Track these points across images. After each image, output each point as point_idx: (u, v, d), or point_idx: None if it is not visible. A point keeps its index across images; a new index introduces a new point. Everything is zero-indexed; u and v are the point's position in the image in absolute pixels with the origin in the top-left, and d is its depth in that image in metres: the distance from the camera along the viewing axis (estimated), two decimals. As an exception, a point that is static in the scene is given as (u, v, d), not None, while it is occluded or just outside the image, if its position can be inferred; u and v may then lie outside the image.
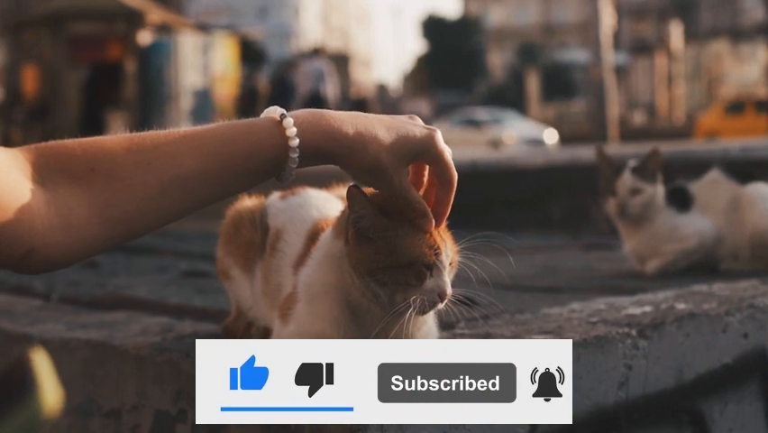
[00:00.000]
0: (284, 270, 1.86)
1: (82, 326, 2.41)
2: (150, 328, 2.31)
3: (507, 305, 2.50)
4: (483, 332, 2.09)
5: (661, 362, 2.07)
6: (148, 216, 1.47)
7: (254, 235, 1.97)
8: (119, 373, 2.11)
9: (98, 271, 3.61)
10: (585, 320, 2.15)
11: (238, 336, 2.03)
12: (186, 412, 1.95)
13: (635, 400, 2.01)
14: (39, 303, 2.88)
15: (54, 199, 1.40)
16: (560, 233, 5.33)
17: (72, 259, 1.44)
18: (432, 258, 1.62)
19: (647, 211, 3.18)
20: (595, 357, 1.95)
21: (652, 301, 2.36)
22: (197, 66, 23.92)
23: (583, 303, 2.40)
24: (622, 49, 51.22)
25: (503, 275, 3.24)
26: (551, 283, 3.04)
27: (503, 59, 70.38)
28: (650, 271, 3.20)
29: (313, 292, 1.70)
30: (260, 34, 39.14)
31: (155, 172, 1.45)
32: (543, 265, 3.61)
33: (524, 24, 76.00)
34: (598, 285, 2.95)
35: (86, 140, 1.46)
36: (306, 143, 1.52)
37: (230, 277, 2.04)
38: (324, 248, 1.72)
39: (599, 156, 3.25)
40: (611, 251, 3.83)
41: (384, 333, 1.69)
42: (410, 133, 1.59)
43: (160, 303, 2.71)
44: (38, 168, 1.41)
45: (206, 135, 1.50)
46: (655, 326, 2.08)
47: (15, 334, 2.42)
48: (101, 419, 2.15)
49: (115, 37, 24.97)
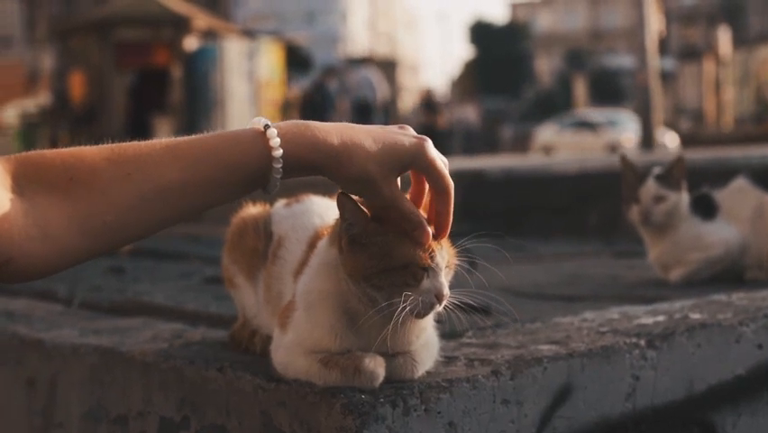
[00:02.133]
0: (285, 278, 1.85)
1: (95, 331, 2.41)
2: (162, 335, 2.31)
3: (522, 313, 2.48)
4: (490, 342, 2.07)
5: (670, 373, 2.04)
6: (129, 227, 1.46)
7: (258, 243, 1.97)
8: (126, 380, 2.12)
9: (122, 277, 3.62)
10: (595, 330, 2.13)
11: (243, 345, 2.03)
12: (189, 419, 1.95)
13: (642, 412, 1.99)
14: (59, 308, 2.90)
15: (32, 209, 1.40)
16: (594, 240, 5.29)
17: (51, 269, 1.44)
18: (426, 260, 1.60)
19: (671, 219, 3.14)
20: (601, 368, 1.92)
21: (666, 311, 2.33)
22: (243, 71, 24.03)
23: (596, 312, 2.37)
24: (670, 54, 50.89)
25: (525, 283, 3.25)
26: (572, 292, 3.02)
27: (551, 65, 70.17)
28: (674, 280, 3.17)
29: (310, 300, 1.69)
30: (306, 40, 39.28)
31: (135, 183, 1.44)
32: (569, 273, 3.59)
33: (572, 30, 75.74)
34: (619, 294, 2.92)
35: (66, 150, 1.46)
36: (289, 154, 1.51)
37: (235, 285, 2.04)
38: (320, 256, 1.71)
39: (623, 163, 3.22)
40: (641, 258, 3.79)
41: (384, 342, 1.67)
42: (398, 143, 1.57)
43: (177, 309, 2.71)
44: (17, 178, 1.41)
45: (189, 146, 1.49)
46: (665, 336, 2.05)
47: (29, 339, 2.43)
48: (108, 425, 2.15)
49: (162, 43, 25.17)
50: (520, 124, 48.41)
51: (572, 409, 1.87)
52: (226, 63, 23.81)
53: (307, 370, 1.69)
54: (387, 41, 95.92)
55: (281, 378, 1.75)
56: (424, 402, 1.67)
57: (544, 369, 1.84)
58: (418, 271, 1.60)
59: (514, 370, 1.81)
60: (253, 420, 1.79)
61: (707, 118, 40.04)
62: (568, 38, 73.33)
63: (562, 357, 1.88)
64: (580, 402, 1.88)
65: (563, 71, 59.85)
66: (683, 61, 47.56)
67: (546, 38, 74.36)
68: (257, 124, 1.54)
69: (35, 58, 40.15)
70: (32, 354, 2.40)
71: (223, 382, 1.87)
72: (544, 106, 52.79)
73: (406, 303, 1.58)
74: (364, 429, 1.60)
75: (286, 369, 1.74)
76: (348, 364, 1.65)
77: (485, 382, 1.76)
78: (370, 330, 1.66)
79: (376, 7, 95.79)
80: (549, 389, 1.84)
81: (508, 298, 2.86)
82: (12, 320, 2.65)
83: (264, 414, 1.77)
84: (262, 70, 24.42)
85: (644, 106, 17.31)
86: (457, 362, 1.87)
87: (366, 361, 1.65)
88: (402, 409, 1.64)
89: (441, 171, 1.60)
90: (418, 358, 1.73)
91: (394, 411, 1.63)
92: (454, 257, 1.68)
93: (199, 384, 1.92)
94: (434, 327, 1.79)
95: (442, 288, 1.61)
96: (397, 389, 1.67)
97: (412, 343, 1.71)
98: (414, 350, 1.72)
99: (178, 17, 25.12)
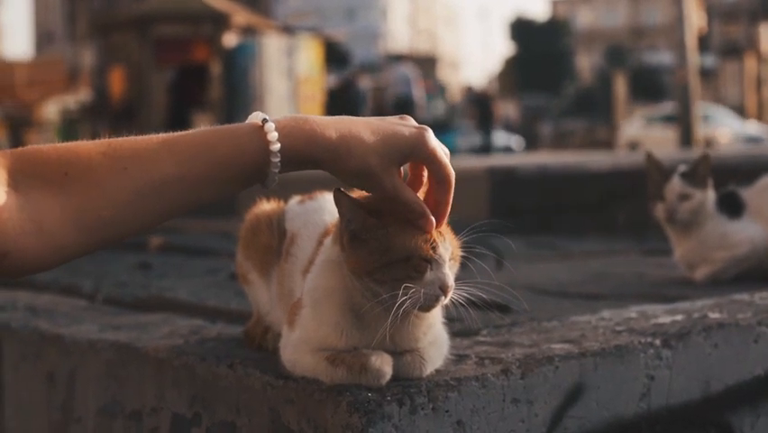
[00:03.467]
0: (296, 275, 1.84)
1: (115, 327, 2.42)
2: (179, 331, 2.31)
3: (542, 312, 2.47)
4: (504, 340, 2.06)
5: (686, 372, 2.02)
6: (125, 222, 1.46)
7: (272, 240, 1.96)
8: (140, 376, 2.12)
9: (149, 273, 3.63)
10: (611, 329, 2.12)
11: (256, 342, 2.03)
12: (200, 416, 1.95)
13: (657, 412, 1.97)
14: (83, 304, 2.90)
15: (27, 204, 1.40)
16: (626, 238, 5.26)
17: (46, 264, 1.44)
18: (429, 251, 1.59)
19: (696, 217, 3.11)
20: (614, 367, 1.91)
21: (686, 310, 2.31)
22: (282, 68, 24.04)
23: (615, 311, 2.36)
24: (711, 51, 50.56)
25: (549, 281, 3.24)
26: (595, 290, 3.00)
27: (591, 62, 69.84)
28: (699, 279, 3.14)
29: (316, 298, 1.69)
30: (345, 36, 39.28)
31: (131, 178, 1.44)
32: (595, 271, 3.56)
33: (612, 26, 75.39)
34: (643, 292, 2.90)
35: (62, 145, 1.46)
36: (287, 148, 1.51)
37: (248, 281, 2.04)
38: (325, 253, 1.71)
39: (648, 161, 3.19)
40: (670, 257, 3.77)
41: (390, 339, 1.67)
42: (398, 134, 1.57)
43: (198, 305, 2.72)
44: (12, 172, 1.41)
45: (186, 141, 1.49)
46: (681, 335, 2.03)
47: (49, 334, 2.43)
48: (124, 420, 2.16)
49: (201, 39, 25.23)
50: (559, 121, 48.23)
51: (584, 409, 1.86)
52: (265, 59, 23.83)
53: (314, 367, 1.69)
54: (427, 37, 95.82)
55: (290, 375, 1.75)
56: (431, 401, 1.66)
57: (555, 368, 1.83)
58: (421, 263, 1.59)
59: (524, 369, 1.80)
60: (262, 417, 1.79)
61: (748, 115, 39.75)
62: (608, 35, 72.96)
63: (574, 356, 1.87)
64: (592, 402, 1.87)
65: (604, 68, 59.51)
66: (724, 58, 47.26)
67: (587, 35, 74.03)
68: (255, 119, 1.54)
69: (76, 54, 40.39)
70: (51, 349, 2.41)
71: (233, 378, 1.87)
72: (584, 104, 52.58)
73: (406, 296, 1.57)
74: (370, 427, 1.60)
75: (294, 366, 1.74)
76: (354, 362, 1.65)
77: (494, 380, 1.75)
78: (377, 327, 1.65)
79: (417, 4, 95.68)
80: (560, 388, 1.83)
81: (531, 295, 2.86)
82: (35, 315, 2.67)
83: (272, 411, 1.77)
84: (301, 67, 24.42)
85: (684, 104, 17.20)
86: (468, 360, 1.86)
87: (372, 359, 1.65)
88: (409, 407, 1.64)
89: (442, 161, 1.59)
90: (426, 356, 1.72)
91: (401, 410, 1.63)
92: (459, 249, 1.66)
93: (210, 381, 1.92)
94: (443, 324, 1.77)
95: (446, 279, 1.60)
96: (404, 387, 1.66)
97: (419, 340, 1.70)
98: (422, 348, 1.71)
99: (218, 13, 25.17)
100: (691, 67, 17.33)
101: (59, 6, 56.04)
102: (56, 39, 57.53)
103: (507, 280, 3.20)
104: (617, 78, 42.96)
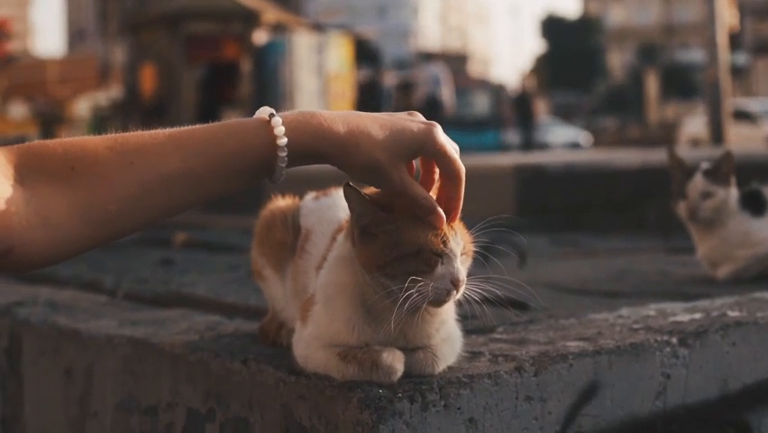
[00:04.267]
0: (310, 271, 1.84)
1: (133, 323, 2.42)
2: (196, 327, 2.31)
3: (561, 309, 2.46)
4: (519, 337, 2.05)
5: (703, 371, 2.01)
6: (131, 216, 1.46)
7: (286, 236, 1.96)
8: (155, 371, 2.12)
9: (170, 269, 3.63)
10: (628, 327, 2.10)
11: (270, 338, 2.02)
12: (214, 412, 1.95)
13: (673, 411, 1.96)
14: (104, 299, 2.91)
15: (33, 198, 1.40)
16: (653, 236, 5.22)
17: (53, 258, 1.44)
18: (439, 245, 1.58)
19: (719, 215, 3.09)
20: (629, 366, 1.90)
21: (705, 308, 2.30)
22: (312, 65, 24.05)
23: (633, 309, 2.34)
24: (743, 49, 50.26)
25: (571, 278, 3.22)
26: (616, 288, 2.98)
27: (622, 60, 69.61)
28: (722, 277, 3.12)
29: (328, 294, 1.69)
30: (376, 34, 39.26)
31: (137, 172, 1.44)
32: (618, 269, 3.54)
33: (644, 24, 75.02)
34: (664, 291, 2.88)
35: (68, 140, 1.46)
36: (294, 143, 1.51)
37: (263, 277, 2.03)
38: (338, 249, 1.70)
39: (670, 158, 3.17)
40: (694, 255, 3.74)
41: (402, 335, 1.66)
42: (406, 129, 1.56)
43: (217, 301, 2.71)
44: (18, 167, 1.42)
45: (192, 135, 1.49)
46: (698, 334, 2.02)
47: (67, 329, 2.44)
48: (140, 416, 2.16)
49: (231, 36, 25.29)
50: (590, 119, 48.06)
51: (599, 408, 1.85)
52: (295, 57, 23.84)
53: (326, 364, 1.69)
54: (458, 35, 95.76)
55: (302, 371, 1.74)
56: (443, 398, 1.66)
57: (569, 366, 1.82)
58: (431, 257, 1.58)
59: (538, 366, 1.79)
60: (274, 413, 1.79)
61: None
62: (640, 32, 72.67)
63: (589, 354, 1.86)
64: (607, 400, 1.86)
65: (635, 66, 59.33)
66: (756, 56, 46.98)
67: (618, 32, 73.76)
68: (262, 114, 1.54)
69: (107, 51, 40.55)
70: (69, 345, 2.41)
71: (246, 374, 1.87)
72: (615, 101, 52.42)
73: (413, 290, 1.56)
74: (381, 424, 1.59)
75: (306, 362, 1.73)
76: (365, 359, 1.64)
77: (507, 378, 1.74)
78: (389, 324, 1.64)
79: (448, 1, 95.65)
80: (574, 386, 1.82)
81: (551, 293, 2.85)
82: (54, 311, 2.67)
83: (285, 407, 1.77)
84: (331, 64, 24.42)
85: (714, 102, 17.09)
86: (481, 357, 1.85)
87: (384, 355, 1.64)
88: (420, 404, 1.63)
89: (451, 156, 1.58)
90: (439, 353, 1.71)
91: (412, 406, 1.62)
92: (471, 244, 1.65)
93: (224, 377, 1.92)
94: (456, 321, 1.77)
95: (457, 273, 1.59)
96: (415, 384, 1.66)
97: (432, 337, 1.69)
98: (434, 344, 1.70)
99: (248, 11, 25.22)
100: (722, 65, 17.21)
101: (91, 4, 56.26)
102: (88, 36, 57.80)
103: (529, 277, 3.20)
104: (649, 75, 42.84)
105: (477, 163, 7.97)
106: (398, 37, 75.66)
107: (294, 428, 1.75)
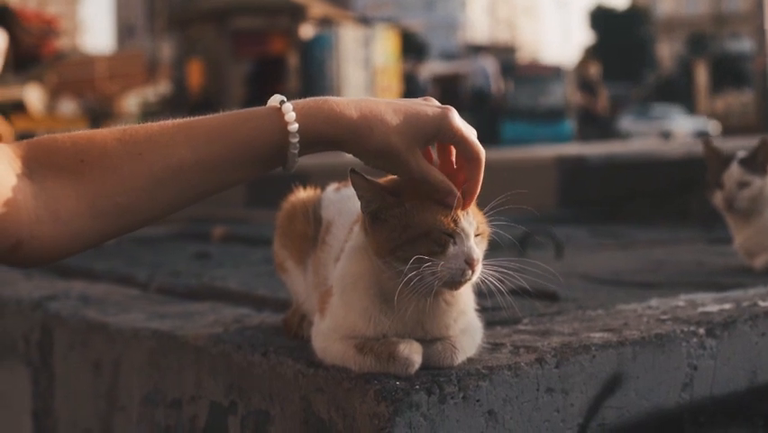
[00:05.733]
0: (330, 263, 1.82)
1: (161, 316, 2.42)
2: (223, 319, 2.31)
3: (592, 300, 2.43)
4: (544, 329, 2.03)
5: (731, 362, 1.98)
6: (141, 208, 1.45)
7: (307, 228, 1.95)
8: (179, 364, 2.12)
9: (206, 263, 3.63)
10: (656, 317, 2.07)
11: (293, 330, 2.01)
12: (236, 405, 1.94)
13: (700, 403, 1.93)
14: (136, 293, 2.91)
15: (42, 192, 1.40)
16: (696, 226, 5.17)
17: (63, 252, 1.44)
18: (450, 224, 1.56)
19: (756, 205, 3.04)
20: (655, 357, 1.87)
21: (736, 298, 2.26)
22: (359, 59, 24.07)
23: (663, 300, 2.31)
24: (795, 38, 49.67)
25: (606, 269, 3.18)
26: (650, 278, 2.94)
27: (672, 50, 69.10)
28: (758, 267, 3.07)
29: (344, 285, 1.68)
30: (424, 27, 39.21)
31: (147, 163, 1.44)
32: (654, 260, 3.50)
33: (693, 14, 74.43)
34: (698, 281, 2.84)
35: (77, 133, 1.46)
36: (306, 129, 1.50)
37: (285, 270, 2.02)
38: (353, 240, 1.69)
39: (706, 148, 3.13)
40: (733, 245, 3.70)
41: (420, 325, 1.65)
42: (421, 113, 1.55)
43: (247, 294, 2.71)
44: (27, 161, 1.41)
45: (202, 125, 1.49)
46: (726, 324, 1.98)
47: (95, 323, 2.44)
48: (165, 409, 2.16)
49: (278, 31, 25.35)
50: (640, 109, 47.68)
51: (623, 399, 1.82)
52: (342, 51, 23.87)
53: (343, 356, 1.68)
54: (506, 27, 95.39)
55: (321, 364, 1.73)
56: (462, 390, 1.64)
57: (592, 357, 1.79)
58: (441, 237, 1.56)
59: (560, 358, 1.76)
60: (294, 406, 1.78)
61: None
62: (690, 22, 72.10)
63: (613, 345, 1.83)
64: (631, 392, 1.83)
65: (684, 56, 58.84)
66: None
67: (667, 22, 73.24)
68: (273, 102, 1.53)
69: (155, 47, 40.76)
70: (97, 338, 2.42)
71: (267, 366, 1.86)
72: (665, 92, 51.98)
73: (426, 271, 1.54)
74: (397, 416, 1.57)
75: (324, 355, 1.72)
76: (382, 350, 1.63)
77: (528, 369, 1.72)
78: (406, 313, 1.63)
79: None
80: (597, 378, 1.80)
81: (584, 284, 2.82)
82: (86, 304, 2.68)
83: (304, 399, 1.75)
84: (378, 57, 24.42)
85: (762, 91, 16.96)
86: (503, 349, 1.83)
87: (401, 347, 1.62)
88: (438, 396, 1.61)
89: (469, 139, 1.57)
90: (458, 344, 1.69)
91: (429, 398, 1.60)
92: (486, 225, 1.63)
93: (245, 369, 1.91)
94: (477, 312, 1.74)
95: (471, 252, 1.56)
96: (433, 376, 1.64)
97: (450, 327, 1.67)
98: (453, 336, 1.68)
99: (295, 5, 25.27)
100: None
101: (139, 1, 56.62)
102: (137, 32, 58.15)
103: (564, 268, 3.17)
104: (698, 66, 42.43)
105: (519, 155, 7.94)
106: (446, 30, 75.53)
107: (313, 421, 1.74)
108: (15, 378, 2.77)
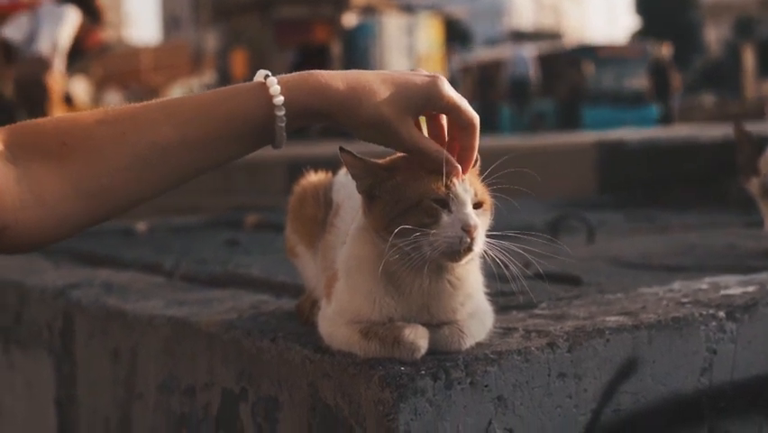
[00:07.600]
0: (338, 247, 1.80)
1: (180, 303, 2.40)
2: (240, 306, 2.28)
3: (616, 284, 2.38)
4: (560, 313, 1.98)
5: (752, 346, 1.93)
6: (126, 189, 1.43)
7: (317, 211, 1.92)
8: (193, 351, 2.10)
9: (234, 250, 3.61)
10: (676, 300, 2.03)
11: (305, 316, 1.99)
12: (247, 391, 1.92)
13: (720, 388, 1.88)
14: (160, 280, 2.90)
15: (26, 176, 1.38)
16: (734, 210, 5.11)
17: (51, 236, 1.42)
18: (440, 190, 1.53)
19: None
20: (671, 341, 1.83)
21: (761, 281, 2.22)
22: (402, 47, 24.05)
23: (685, 282, 2.27)
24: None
25: (635, 253, 3.14)
26: (679, 262, 2.89)
27: (719, 34, 68.50)
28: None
29: (348, 267, 1.65)
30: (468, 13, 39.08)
31: (129, 142, 1.42)
32: (686, 243, 3.45)
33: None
34: (727, 264, 2.78)
35: (60, 116, 1.45)
36: (292, 101, 1.48)
37: (296, 254, 2.00)
38: (357, 222, 1.66)
39: (737, 133, 3.07)
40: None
41: (426, 309, 1.62)
42: (410, 82, 1.53)
43: (267, 281, 2.68)
44: (9, 146, 1.40)
45: (185, 103, 1.47)
46: (747, 307, 1.94)
47: (114, 310, 2.43)
48: (179, 396, 2.14)
49: (321, 20, 25.38)
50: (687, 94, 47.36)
51: (639, 384, 1.78)
52: (385, 39, 23.87)
53: (349, 340, 1.65)
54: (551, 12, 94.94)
55: (327, 349, 1.71)
56: (469, 375, 1.61)
57: (606, 341, 1.76)
58: (432, 205, 1.53)
59: (572, 342, 1.73)
60: (302, 392, 1.76)
61: None
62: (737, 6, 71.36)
63: (627, 329, 1.79)
64: (647, 377, 1.79)
65: (732, 41, 58.32)
66: None
67: (714, 7, 72.53)
68: (258, 77, 1.51)
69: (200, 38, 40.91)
70: (115, 326, 2.40)
71: (275, 352, 1.83)
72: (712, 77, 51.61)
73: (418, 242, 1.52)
74: (402, 403, 1.55)
75: (331, 340, 1.70)
76: (387, 335, 1.60)
77: (539, 354, 1.69)
78: (412, 295, 1.60)
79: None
80: (612, 362, 1.76)
81: (611, 268, 2.78)
82: (108, 292, 2.66)
83: (311, 386, 1.73)
84: (421, 45, 24.41)
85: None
86: (514, 333, 1.79)
87: (406, 332, 1.59)
88: (444, 381, 1.58)
89: (462, 105, 1.54)
90: (466, 329, 1.65)
91: (435, 384, 1.57)
92: (487, 194, 1.59)
93: (255, 355, 1.89)
94: (483, 293, 1.70)
95: (467, 218, 1.52)
96: (439, 361, 1.61)
97: (457, 311, 1.64)
98: (460, 320, 1.65)
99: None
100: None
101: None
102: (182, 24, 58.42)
103: (593, 252, 3.13)
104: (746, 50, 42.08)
105: (557, 141, 7.88)
106: (491, 16, 75.13)
107: (320, 407, 1.71)
108: (40, 367, 2.77)
